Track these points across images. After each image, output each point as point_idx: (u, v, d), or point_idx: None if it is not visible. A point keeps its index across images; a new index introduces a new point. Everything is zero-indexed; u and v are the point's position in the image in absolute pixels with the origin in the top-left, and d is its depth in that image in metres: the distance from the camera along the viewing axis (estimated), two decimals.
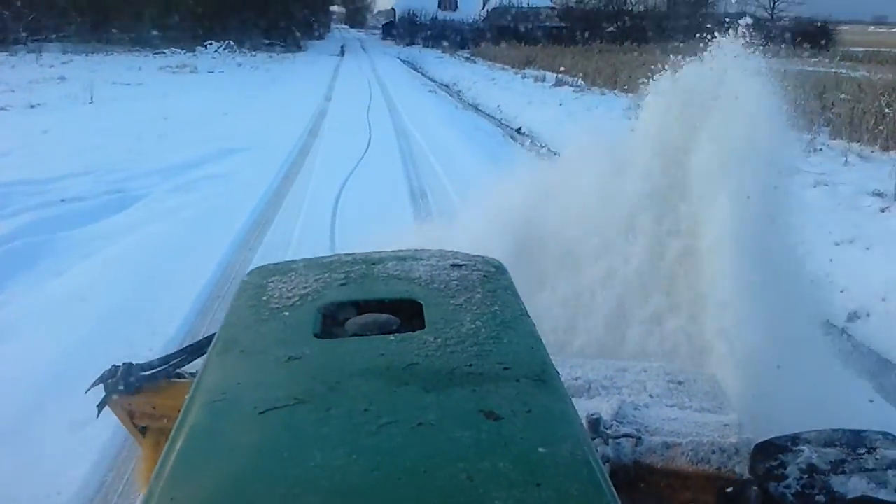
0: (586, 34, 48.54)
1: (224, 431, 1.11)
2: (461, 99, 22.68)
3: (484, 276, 1.65)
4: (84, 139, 11.11)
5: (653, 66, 3.99)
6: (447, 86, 27.27)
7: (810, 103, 12.64)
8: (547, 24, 54.12)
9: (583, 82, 23.19)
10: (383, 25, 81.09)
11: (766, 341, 2.90)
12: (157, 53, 34.40)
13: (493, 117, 17.37)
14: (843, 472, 1.70)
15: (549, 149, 9.92)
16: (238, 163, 9.57)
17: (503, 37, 45.78)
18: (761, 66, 3.53)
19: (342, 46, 55.22)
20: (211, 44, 38.80)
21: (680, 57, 3.77)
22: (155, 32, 36.54)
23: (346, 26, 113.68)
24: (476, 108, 20.48)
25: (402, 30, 61.66)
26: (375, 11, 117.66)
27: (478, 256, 1.80)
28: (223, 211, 7.08)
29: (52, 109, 14.61)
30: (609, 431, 1.99)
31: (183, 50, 36.31)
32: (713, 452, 1.96)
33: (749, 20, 3.75)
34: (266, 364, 1.29)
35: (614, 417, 2.06)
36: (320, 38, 64.93)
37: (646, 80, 3.86)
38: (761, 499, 1.77)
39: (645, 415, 2.15)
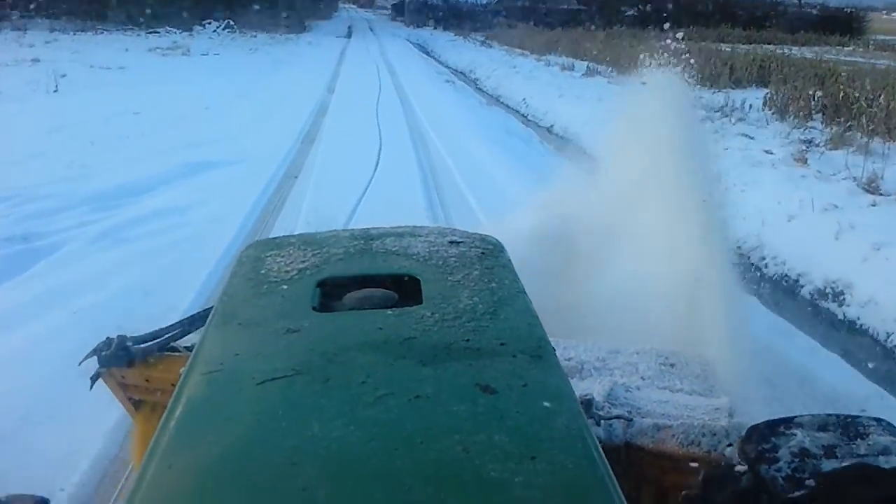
0: (606, 18, 46.36)
1: (222, 401, 1.11)
2: (480, 89, 20.36)
3: (482, 253, 1.68)
4: (24, 143, 8.87)
5: (686, 55, 4.23)
6: (463, 73, 24.90)
7: None
8: (565, 6, 51.49)
9: (615, 72, 20.82)
10: (392, 5, 78.60)
11: None
12: (150, 33, 32.00)
13: (523, 115, 15.05)
14: (836, 457, 1.65)
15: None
16: (205, 186, 7.27)
17: (519, 20, 43.24)
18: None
19: (349, 27, 52.64)
20: (209, 23, 36.36)
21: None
22: (149, 11, 34.08)
23: (354, 6, 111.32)
24: (497, 99, 18.22)
25: (413, 11, 59.01)
26: None
27: (476, 234, 1.83)
28: (156, 293, 4.51)
29: (4, 100, 12.34)
30: (601, 413, 1.98)
31: (179, 29, 33.90)
32: (703, 435, 1.94)
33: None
34: (264, 336, 1.29)
35: (606, 399, 2.06)
36: (327, 18, 62.56)
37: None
38: (751, 482, 1.68)
39: (636, 397, 2.14)
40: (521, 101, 17.43)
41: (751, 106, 14.26)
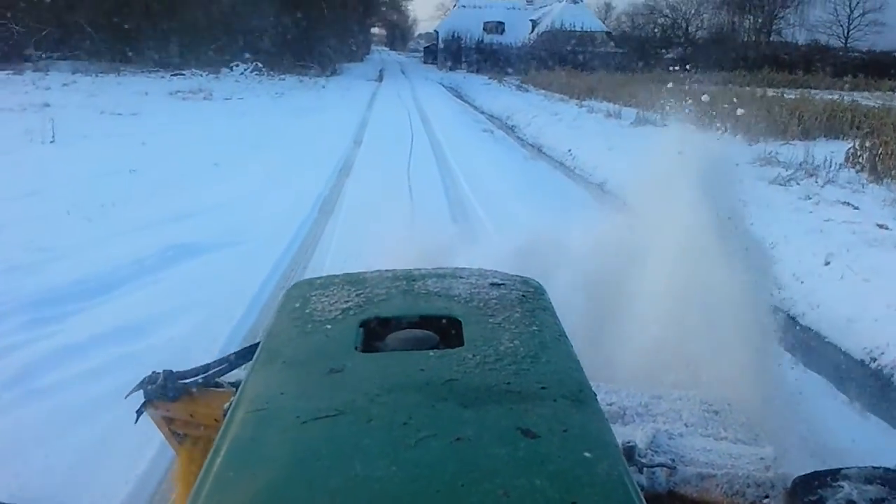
0: (644, 62, 44.97)
1: (266, 440, 1.13)
2: (519, 138, 18.76)
3: (522, 295, 1.68)
4: None
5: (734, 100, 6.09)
6: (500, 119, 23.37)
7: None
8: (602, 49, 50.19)
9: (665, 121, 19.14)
10: (425, 48, 78.17)
11: None
12: (175, 75, 31.02)
13: (569, 169, 13.37)
14: None
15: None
16: (182, 285, 5.47)
17: (555, 63, 41.87)
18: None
19: (381, 70, 51.71)
20: (237, 65, 35.48)
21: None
22: (174, 52, 33.20)
23: (387, 48, 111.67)
24: (539, 150, 16.59)
25: (446, 54, 58.08)
26: (416, 34, 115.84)
27: (517, 276, 1.83)
28: None
29: None
30: (643, 460, 1.91)
31: (205, 72, 32.97)
32: (748, 486, 1.89)
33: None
34: (308, 375, 1.31)
35: (649, 446, 2.00)
36: (359, 60, 61.88)
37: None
38: None
39: (680, 444, 2.08)
40: (567, 152, 15.79)
41: (832, 163, 12.41)
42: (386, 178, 10.07)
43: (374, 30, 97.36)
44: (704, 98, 18.62)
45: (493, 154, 14.14)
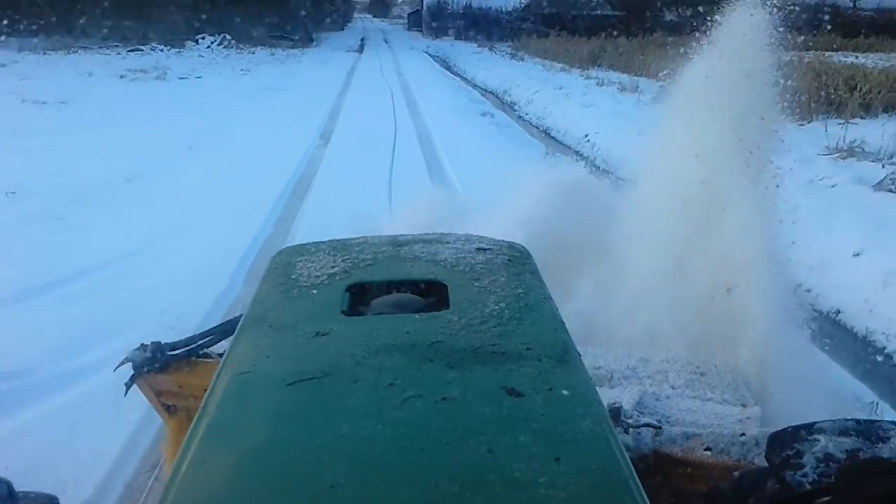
0: (643, 24, 41.87)
1: (253, 401, 1.14)
2: (521, 118, 15.95)
3: (508, 259, 1.68)
4: None
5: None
6: (496, 95, 20.50)
7: None
8: (598, 12, 46.99)
9: None
10: (409, 15, 74.57)
11: None
12: (132, 51, 27.92)
13: (591, 161, 10.57)
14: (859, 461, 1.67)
15: None
16: None
17: (549, 29, 38.70)
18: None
19: (362, 39, 48.42)
20: (203, 38, 32.28)
21: None
22: (128, 23, 30.03)
23: (370, 16, 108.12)
24: (547, 133, 13.86)
25: (431, 20, 54.65)
26: (400, 0, 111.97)
27: (503, 241, 1.83)
28: None
29: None
30: (629, 421, 1.96)
31: (168, 46, 29.85)
32: (733, 444, 1.93)
33: None
34: (294, 339, 1.31)
35: (635, 407, 2.03)
36: (339, 29, 58.58)
37: None
38: (777, 487, 1.69)
39: (666, 405, 2.13)
40: (584, 139, 13.04)
41: None
42: (359, 200, 7.08)
43: None
44: None
45: (499, 149, 10.98)
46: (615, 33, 37.23)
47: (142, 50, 27.96)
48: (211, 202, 7.14)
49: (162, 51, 28.49)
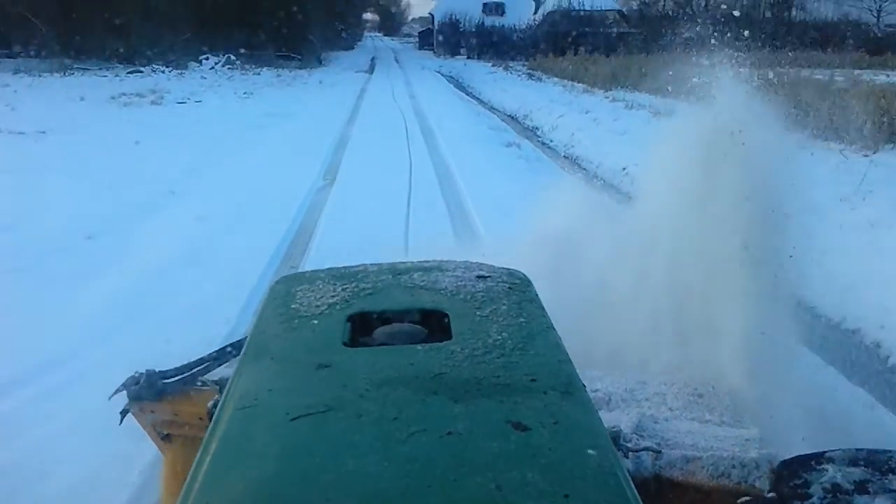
0: (659, 42, 40.39)
1: (256, 437, 1.11)
2: (545, 144, 14.47)
3: (509, 287, 1.67)
4: None
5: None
6: (516, 119, 19.08)
7: None
8: (615, 30, 45.59)
9: None
10: (419, 33, 73.46)
11: None
12: (132, 72, 26.65)
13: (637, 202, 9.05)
14: (868, 492, 1.65)
15: None
16: None
17: (564, 47, 37.25)
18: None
19: (372, 59, 47.13)
20: (207, 58, 31.05)
21: None
22: (130, 43, 28.81)
23: (380, 34, 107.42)
24: (577, 164, 12.37)
25: (443, 38, 53.34)
26: (410, 19, 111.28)
27: (503, 268, 1.81)
28: None
29: None
30: (629, 445, 1.91)
31: (169, 67, 28.59)
32: (733, 467, 1.91)
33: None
34: (296, 371, 1.30)
35: (634, 430, 2.00)
36: (349, 48, 57.52)
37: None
38: None
39: (665, 428, 2.10)
40: (622, 172, 11.55)
41: None
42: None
43: (367, 15, 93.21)
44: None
45: (524, 188, 9.42)
46: (633, 51, 35.94)
47: (142, 72, 26.70)
48: (182, 278, 5.61)
49: (163, 72, 27.22)
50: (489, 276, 1.70)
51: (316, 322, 1.47)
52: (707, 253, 2.93)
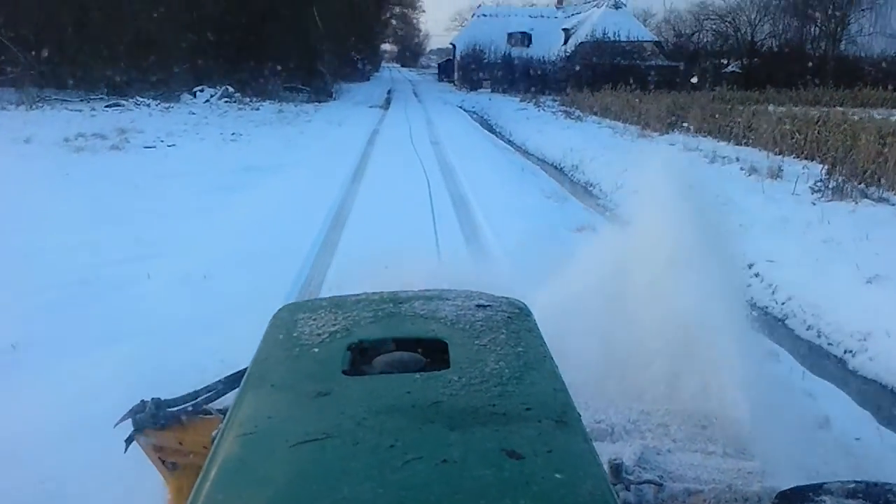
0: (701, 76, 36.74)
1: (256, 463, 1.12)
2: (617, 215, 10.69)
3: (508, 317, 1.67)
4: None
5: None
6: (560, 169, 15.39)
7: None
8: (653, 62, 41.97)
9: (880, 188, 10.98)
10: (439, 65, 70.22)
11: None
12: (110, 105, 23.16)
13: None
14: None
15: None
16: None
17: (599, 80, 33.56)
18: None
19: (389, 91, 43.68)
20: (203, 90, 27.59)
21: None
22: (117, 72, 25.39)
23: (397, 65, 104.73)
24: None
25: (464, 71, 49.80)
26: (428, 50, 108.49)
27: (503, 298, 1.80)
28: None
29: None
30: (631, 477, 1.90)
31: (157, 100, 25.15)
32: (736, 500, 1.89)
33: None
34: (296, 399, 1.31)
35: (636, 463, 1.99)
36: (364, 79, 54.23)
37: None
38: None
39: (668, 460, 2.08)
40: (750, 271, 7.73)
41: None
42: None
43: (385, 46, 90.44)
44: None
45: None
46: (675, 86, 32.38)
47: (122, 105, 23.18)
48: None
49: (148, 105, 23.74)
50: (489, 306, 1.71)
51: (316, 350, 1.50)
52: None
